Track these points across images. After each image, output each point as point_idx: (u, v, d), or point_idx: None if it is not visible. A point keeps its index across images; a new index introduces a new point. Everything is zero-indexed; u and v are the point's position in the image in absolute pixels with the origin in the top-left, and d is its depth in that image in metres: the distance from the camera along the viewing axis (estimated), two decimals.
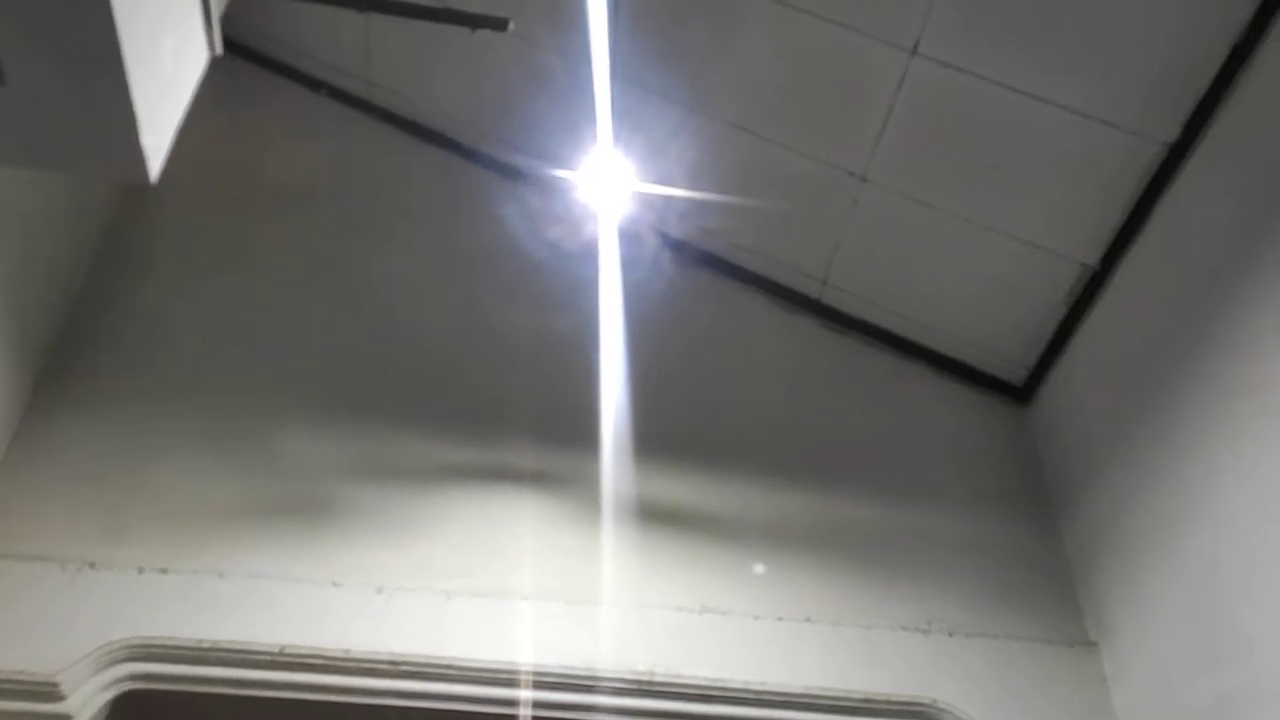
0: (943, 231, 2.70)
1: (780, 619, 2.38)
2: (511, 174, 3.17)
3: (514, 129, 3.09)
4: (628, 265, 2.93)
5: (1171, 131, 2.28)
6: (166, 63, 1.30)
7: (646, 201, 2.89)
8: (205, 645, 2.12)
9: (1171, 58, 2.20)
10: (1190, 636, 2.16)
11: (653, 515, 2.51)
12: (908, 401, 2.88)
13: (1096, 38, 2.25)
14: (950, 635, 2.41)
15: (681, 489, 2.57)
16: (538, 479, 2.52)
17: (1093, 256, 2.54)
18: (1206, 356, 2.19)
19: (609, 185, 2.67)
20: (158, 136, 1.30)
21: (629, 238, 3.01)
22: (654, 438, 2.63)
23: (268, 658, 2.13)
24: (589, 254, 2.88)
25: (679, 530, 2.50)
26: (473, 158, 3.20)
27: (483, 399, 2.66)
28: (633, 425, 2.64)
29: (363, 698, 2.15)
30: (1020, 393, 2.89)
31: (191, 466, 2.41)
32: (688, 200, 2.87)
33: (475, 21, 1.97)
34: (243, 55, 3.31)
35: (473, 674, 2.18)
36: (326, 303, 2.81)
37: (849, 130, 2.63)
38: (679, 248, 3.04)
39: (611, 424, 2.63)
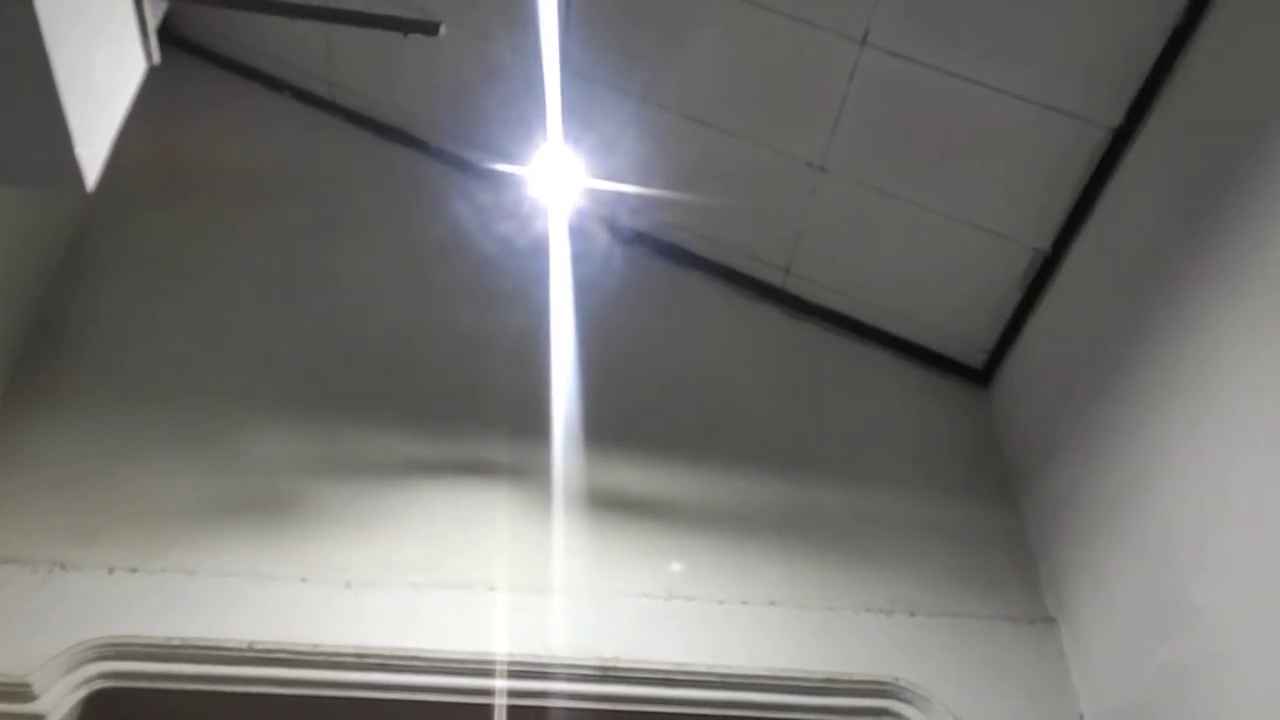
0: (900, 218, 2.74)
1: (745, 603, 2.42)
2: (467, 170, 3.18)
3: (470, 125, 3.11)
4: (583, 259, 2.96)
5: (1115, 116, 2.32)
6: (100, 75, 1.32)
7: (601, 196, 2.92)
8: (175, 643, 2.15)
9: (1113, 42, 2.24)
10: (1144, 610, 2.21)
11: (616, 504, 2.54)
12: (869, 386, 2.92)
13: (1039, 24, 2.28)
14: (912, 615, 2.45)
15: (644, 478, 2.61)
16: (502, 471, 2.55)
17: (1044, 240, 2.58)
18: (1155, 335, 2.23)
19: (561, 180, 2.70)
20: (93, 148, 1.32)
21: (583, 233, 3.04)
22: (617, 428, 2.66)
23: (237, 654, 2.15)
24: (545, 249, 2.90)
25: (642, 518, 2.54)
26: (432, 154, 3.22)
27: (445, 393, 2.69)
28: (595, 416, 2.67)
29: (332, 690, 2.18)
30: (979, 375, 2.93)
31: (160, 467, 2.43)
32: (644, 193, 2.90)
33: (406, 26, 1.94)
34: (206, 58, 3.33)
35: (441, 665, 2.21)
36: (290, 301, 2.83)
37: (805, 121, 2.66)
38: (639, 240, 3.07)
39: (574, 415, 2.66)
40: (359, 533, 2.40)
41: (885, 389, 2.92)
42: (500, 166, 3.02)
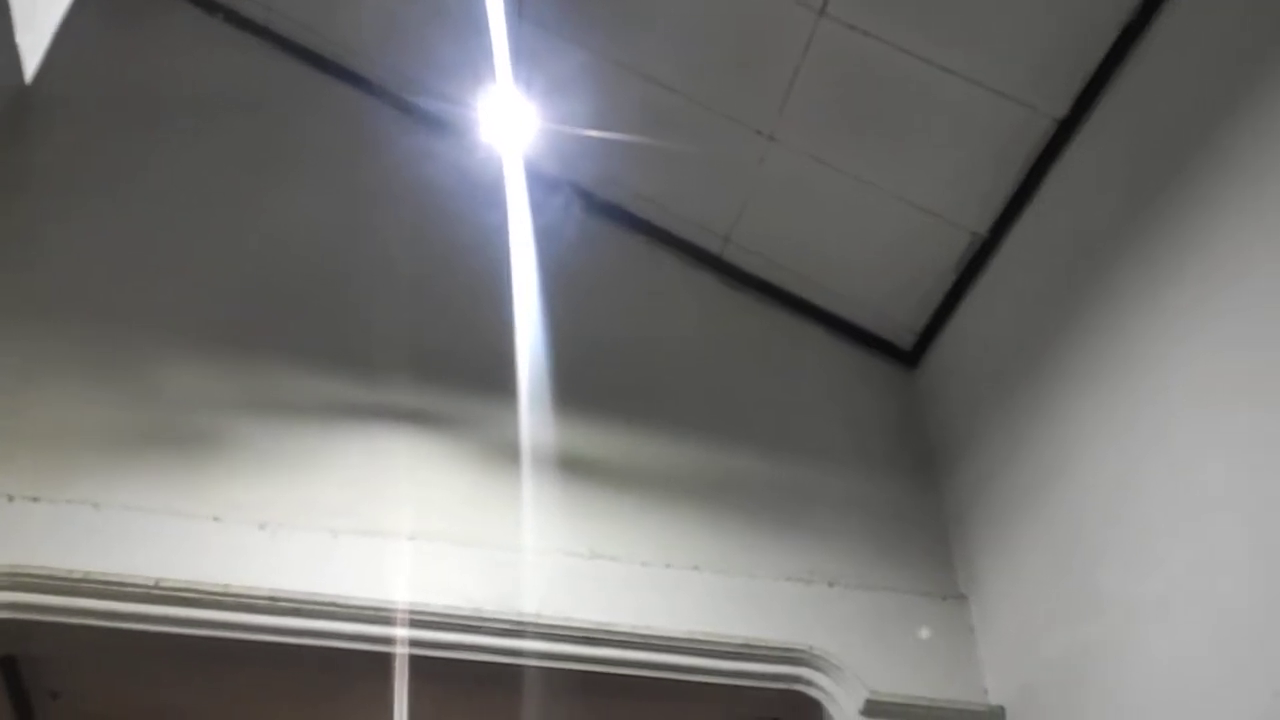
0: (844, 195, 2.75)
1: (668, 566, 2.43)
2: (412, 111, 3.09)
3: (417, 66, 3.02)
4: (529, 210, 2.90)
5: (1062, 106, 2.36)
6: None
7: (549, 146, 2.87)
8: (77, 576, 2.05)
9: (1065, 34, 2.28)
10: (1051, 592, 2.27)
11: (546, 460, 2.52)
12: (801, 360, 2.95)
13: (996, 10, 2.31)
14: (830, 586, 2.49)
15: (576, 435, 2.58)
16: (432, 421, 2.50)
17: (983, 225, 2.62)
18: (1084, 326, 2.29)
19: (510, 128, 2.65)
20: (34, 35, 1.23)
21: (530, 181, 2.97)
22: (551, 383, 2.63)
23: (142, 591, 2.07)
24: (487, 196, 2.84)
25: (572, 476, 2.51)
26: (374, 93, 3.12)
27: (379, 339, 2.61)
28: (530, 370, 2.63)
29: (241, 633, 2.11)
30: (908, 356, 2.97)
31: (69, 392, 2.31)
32: (591, 148, 2.85)
33: None
34: None
35: (355, 612, 2.16)
36: (217, 232, 2.71)
37: (758, 89, 2.65)
38: (582, 196, 3.03)
39: (508, 368, 2.62)
40: (277, 473, 2.33)
41: (816, 364, 2.95)
42: (452, 110, 2.93)
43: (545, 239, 2.88)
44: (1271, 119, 1.84)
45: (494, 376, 2.61)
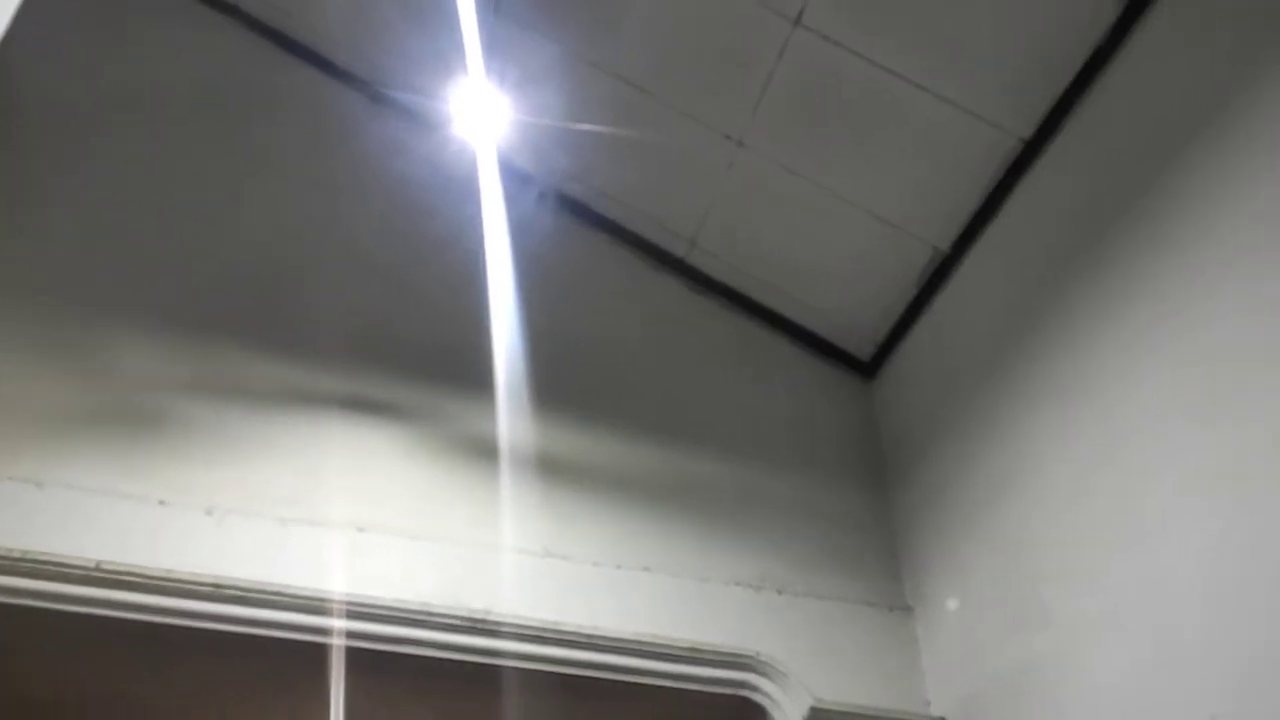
0: (811, 204, 2.77)
1: (619, 567, 2.42)
2: (382, 101, 3.05)
3: (389, 55, 2.98)
4: (498, 204, 2.88)
5: (1028, 127, 2.40)
6: None
7: (520, 140, 2.85)
8: (16, 555, 2.00)
9: (1035, 55, 2.31)
10: (996, 606, 2.30)
11: (503, 457, 2.50)
12: (760, 367, 2.96)
13: (968, 29, 2.33)
14: (780, 593, 2.50)
15: (535, 433, 2.57)
16: (389, 413, 2.48)
17: (945, 241, 2.65)
18: (1039, 345, 2.32)
19: (482, 120, 2.63)
20: None
21: (501, 175, 2.95)
22: (512, 380, 2.61)
23: (82, 573, 2.02)
24: (457, 187, 2.82)
25: (528, 473, 2.50)
26: (344, 79, 3.07)
27: (341, 329, 2.58)
28: (492, 366, 2.62)
29: (184, 620, 2.07)
30: (867, 367, 3.00)
31: (14, 369, 2.25)
32: (561, 145, 2.84)
33: None
34: None
35: (302, 603, 2.13)
36: (178, 216, 2.66)
37: (730, 94, 2.65)
38: (552, 192, 3.02)
39: (470, 363, 2.60)
40: (228, 459, 2.29)
41: (775, 371, 2.96)
42: (422, 101, 2.90)
43: (513, 234, 2.87)
44: (1225, 153, 1.88)
45: (456, 371, 2.59)
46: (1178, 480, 1.87)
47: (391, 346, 2.58)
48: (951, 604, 2.44)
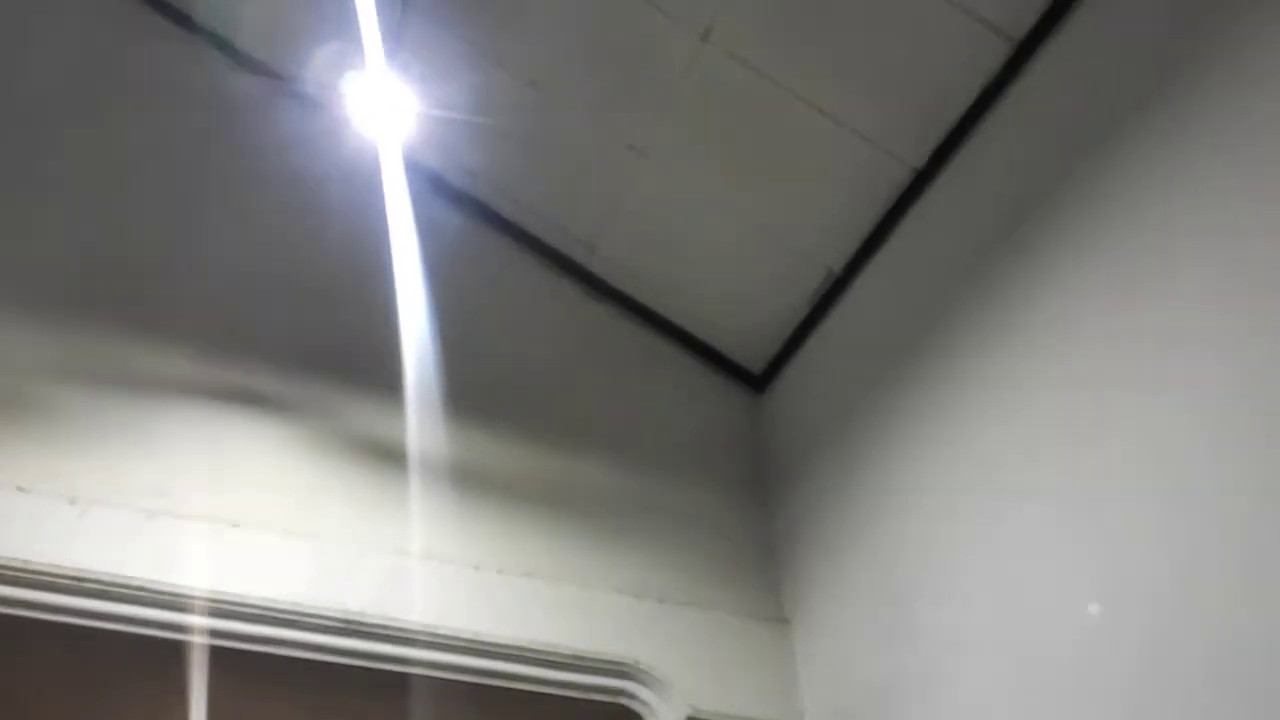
0: (709, 217, 2.80)
1: (501, 571, 2.40)
2: (276, 83, 2.95)
3: (288, 39, 2.90)
4: (391, 197, 2.83)
5: (920, 157, 2.47)
6: None
7: (421, 134, 2.81)
8: None
9: (932, 90, 2.38)
10: (870, 621, 2.35)
11: (385, 455, 2.46)
12: (653, 376, 2.98)
13: (871, 60, 2.39)
14: (660, 602, 2.51)
15: (423, 433, 2.53)
16: (272, 409, 2.41)
17: (838, 263, 2.71)
18: (921, 367, 2.39)
19: (379, 113, 2.58)
20: None
21: (401, 168, 2.90)
22: (395, 377, 2.57)
23: None
24: (357, 183, 2.76)
25: (412, 473, 2.46)
26: (243, 63, 2.97)
27: (222, 321, 2.50)
28: (383, 364, 2.57)
29: (40, 613, 1.99)
30: (758, 381, 3.04)
31: None
32: (463, 145, 2.81)
33: None
34: None
35: (166, 599, 2.06)
36: (55, 200, 2.54)
37: (635, 104, 2.66)
38: (452, 192, 2.99)
39: (359, 360, 2.55)
40: (94, 447, 2.19)
41: (668, 381, 2.98)
42: (317, 88, 2.83)
43: (414, 232, 2.82)
44: (1100, 190, 1.97)
45: (344, 369, 2.54)
46: (1041, 509, 1.94)
47: (276, 342, 2.50)
48: (827, 617, 2.49)
